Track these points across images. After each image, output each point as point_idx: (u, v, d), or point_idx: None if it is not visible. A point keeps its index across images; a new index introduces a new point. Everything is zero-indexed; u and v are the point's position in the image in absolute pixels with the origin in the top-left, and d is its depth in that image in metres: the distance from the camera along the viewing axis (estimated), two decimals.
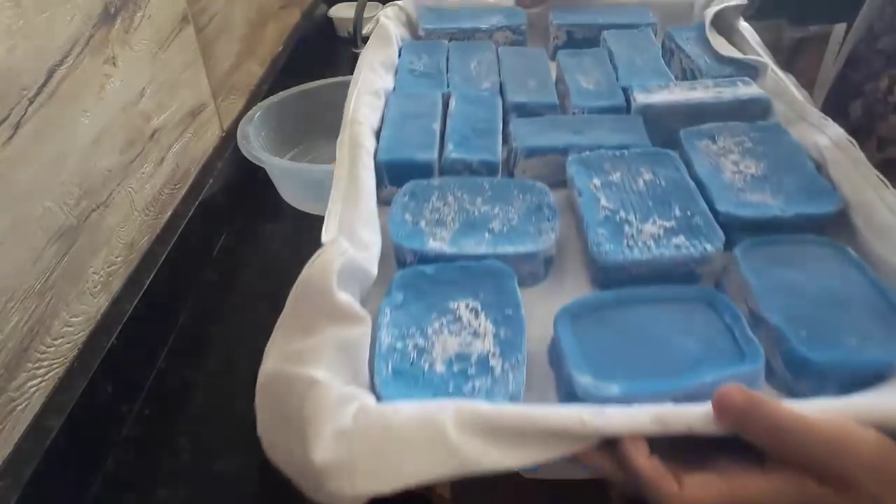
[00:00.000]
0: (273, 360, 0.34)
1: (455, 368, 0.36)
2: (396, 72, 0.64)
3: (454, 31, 0.72)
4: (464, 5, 0.76)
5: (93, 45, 0.59)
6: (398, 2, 0.75)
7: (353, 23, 1.14)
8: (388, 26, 0.68)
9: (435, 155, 0.52)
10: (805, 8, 0.80)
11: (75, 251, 0.57)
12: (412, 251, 0.44)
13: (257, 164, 0.82)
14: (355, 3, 1.12)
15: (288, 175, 0.86)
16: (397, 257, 0.46)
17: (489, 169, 0.52)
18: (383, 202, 0.49)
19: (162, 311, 0.70)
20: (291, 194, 0.89)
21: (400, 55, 0.67)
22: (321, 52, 1.32)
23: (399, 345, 0.37)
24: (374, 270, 0.41)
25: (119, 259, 0.65)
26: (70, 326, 0.57)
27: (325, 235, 0.41)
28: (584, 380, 0.34)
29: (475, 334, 0.38)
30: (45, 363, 0.54)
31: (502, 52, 0.67)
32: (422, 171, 0.51)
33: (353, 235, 0.42)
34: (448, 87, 0.62)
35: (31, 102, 0.51)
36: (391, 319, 0.39)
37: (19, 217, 0.51)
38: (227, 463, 0.59)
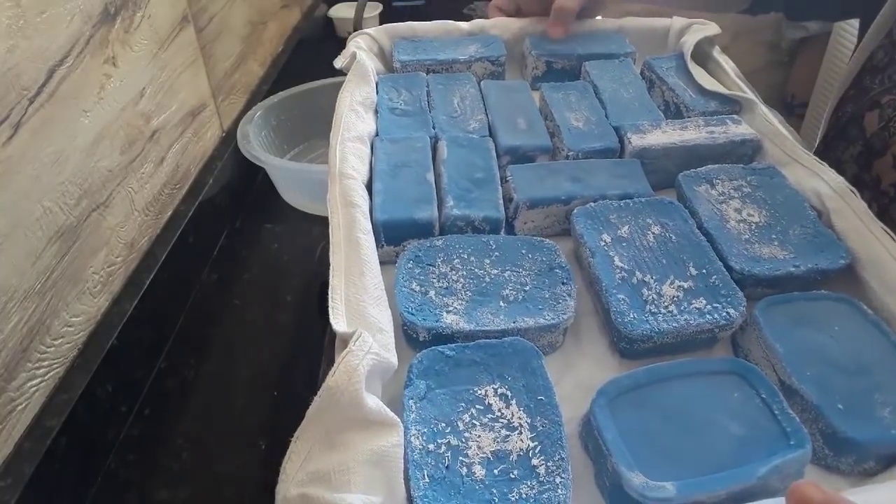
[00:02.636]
0: (297, 482, 0.31)
1: (496, 471, 0.34)
2: (377, 111, 0.61)
3: (431, 63, 0.69)
4: (437, 35, 0.73)
5: (93, 45, 0.59)
6: (369, 31, 0.72)
7: (353, 23, 1.14)
8: (365, 62, 0.64)
9: (434, 212, 0.49)
10: (800, 3, 0.79)
11: (75, 251, 0.57)
12: (426, 329, 0.42)
13: (257, 164, 0.82)
14: (355, 3, 1.12)
15: (288, 175, 0.86)
16: (407, 332, 0.44)
17: (492, 225, 0.50)
18: (380, 261, 0.47)
19: (162, 311, 0.70)
20: (291, 194, 0.89)
21: (377, 91, 0.64)
22: (321, 52, 1.32)
23: (431, 446, 0.35)
24: (395, 360, 0.39)
25: (119, 259, 0.65)
26: (70, 326, 0.57)
27: (335, 321, 0.38)
28: (636, 480, 0.33)
29: (509, 427, 0.36)
30: (45, 363, 0.54)
31: (485, 86, 0.65)
32: (422, 229, 0.49)
33: (364, 317, 0.39)
34: (434, 127, 0.59)
35: (31, 102, 0.51)
36: (417, 415, 0.37)
37: (19, 217, 0.51)
38: (227, 463, 0.59)
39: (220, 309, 0.75)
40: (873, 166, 0.61)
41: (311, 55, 1.23)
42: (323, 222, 0.82)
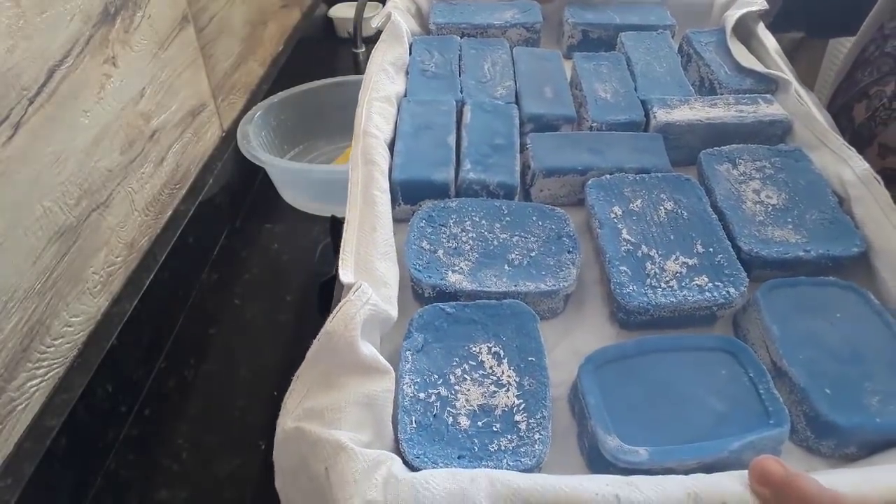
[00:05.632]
0: (294, 416, 0.33)
1: (480, 423, 0.36)
2: (407, 72, 0.63)
3: (466, 27, 0.69)
4: None
5: (93, 45, 0.59)
6: None
7: (353, 23, 1.13)
8: (399, 23, 0.65)
9: (451, 174, 0.50)
10: (822, 20, 0.80)
11: (75, 251, 0.57)
12: (430, 286, 0.43)
13: (257, 164, 0.82)
14: (355, 3, 1.12)
15: (288, 175, 0.86)
16: (414, 288, 0.45)
17: (507, 190, 0.51)
18: (396, 219, 0.48)
19: (162, 311, 0.70)
20: (291, 194, 0.89)
21: (410, 52, 0.65)
22: (321, 52, 1.32)
23: (422, 395, 0.37)
24: (395, 313, 0.40)
25: (119, 259, 0.65)
26: (70, 326, 0.57)
27: (343, 272, 0.39)
28: (611, 442, 0.34)
29: (498, 384, 0.37)
30: (45, 363, 0.54)
31: (517, 53, 0.65)
32: (438, 190, 0.50)
33: (371, 271, 0.41)
34: (461, 91, 0.60)
35: (31, 102, 0.51)
36: (412, 366, 0.38)
37: (19, 217, 0.51)
38: (227, 463, 0.59)
39: (220, 309, 0.75)
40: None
41: (311, 55, 1.23)
42: (323, 222, 0.82)
